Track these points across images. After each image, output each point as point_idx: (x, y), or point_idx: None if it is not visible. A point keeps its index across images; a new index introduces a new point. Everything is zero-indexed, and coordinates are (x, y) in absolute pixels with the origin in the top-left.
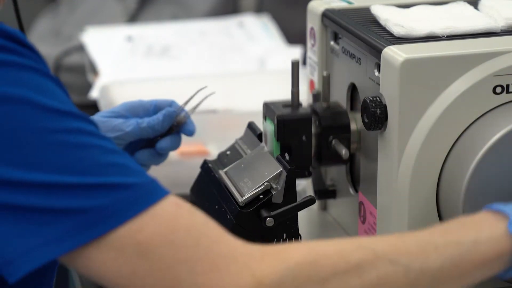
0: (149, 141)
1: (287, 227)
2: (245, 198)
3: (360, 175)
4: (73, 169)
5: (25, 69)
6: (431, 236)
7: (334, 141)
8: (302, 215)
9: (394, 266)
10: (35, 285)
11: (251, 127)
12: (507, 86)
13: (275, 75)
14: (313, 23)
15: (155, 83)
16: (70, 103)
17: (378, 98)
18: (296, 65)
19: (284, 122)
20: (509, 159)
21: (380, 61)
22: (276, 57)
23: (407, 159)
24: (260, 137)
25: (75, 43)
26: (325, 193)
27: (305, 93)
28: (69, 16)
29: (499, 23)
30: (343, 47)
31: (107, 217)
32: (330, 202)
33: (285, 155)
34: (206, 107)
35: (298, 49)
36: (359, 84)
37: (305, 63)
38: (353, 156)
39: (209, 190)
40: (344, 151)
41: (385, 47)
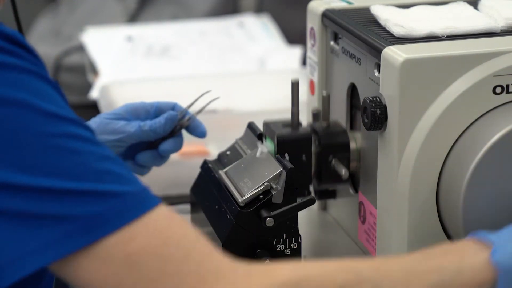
0: (151, 142)
1: (287, 227)
2: (245, 198)
3: (360, 175)
4: (65, 175)
5: (24, 72)
6: (414, 262)
7: (334, 161)
8: (302, 215)
9: None
10: (35, 286)
11: (251, 127)
12: (507, 86)
13: (275, 75)
14: (313, 23)
15: (155, 83)
16: (67, 107)
17: (378, 98)
18: (296, 85)
19: (284, 142)
20: (509, 159)
21: (380, 61)
22: (276, 57)
23: (407, 159)
24: (260, 137)
25: (75, 43)
26: (325, 193)
27: (305, 93)
28: (69, 16)
29: (499, 23)
30: (343, 47)
31: (98, 225)
32: (330, 202)
33: (285, 155)
34: (206, 107)
35: (298, 49)
36: (359, 84)
37: (305, 63)
38: None
39: (209, 190)
40: (343, 171)
41: (385, 47)
